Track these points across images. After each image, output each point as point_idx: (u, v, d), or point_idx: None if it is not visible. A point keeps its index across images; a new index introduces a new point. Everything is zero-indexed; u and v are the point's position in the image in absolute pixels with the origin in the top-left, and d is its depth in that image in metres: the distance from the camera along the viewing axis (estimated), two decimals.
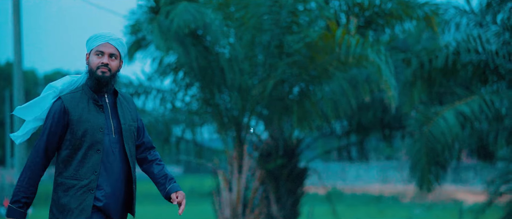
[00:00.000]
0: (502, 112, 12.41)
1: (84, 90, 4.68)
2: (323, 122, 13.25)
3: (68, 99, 4.63)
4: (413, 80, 12.66)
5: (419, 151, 11.86)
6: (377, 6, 12.13)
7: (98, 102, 4.66)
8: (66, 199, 4.60)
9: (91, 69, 4.66)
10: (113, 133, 4.68)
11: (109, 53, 4.66)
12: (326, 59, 11.12)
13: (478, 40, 12.34)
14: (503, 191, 17.67)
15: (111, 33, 4.73)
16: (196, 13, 10.84)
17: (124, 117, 4.74)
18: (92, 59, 4.66)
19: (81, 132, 4.59)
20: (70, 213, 4.59)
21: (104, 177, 4.63)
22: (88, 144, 4.58)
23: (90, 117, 4.62)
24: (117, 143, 4.69)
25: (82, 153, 4.59)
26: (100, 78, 4.63)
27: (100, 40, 4.67)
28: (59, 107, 4.62)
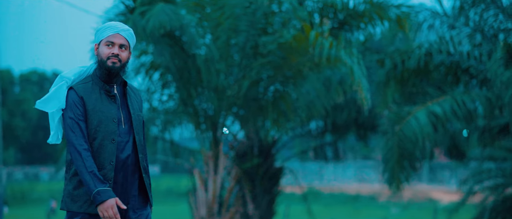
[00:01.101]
0: (473, 112, 12.62)
1: (94, 81, 4.70)
2: (298, 122, 13.39)
3: (81, 89, 4.66)
4: (386, 80, 12.82)
5: (390, 150, 12.01)
6: (351, 8, 12.29)
7: (110, 93, 4.69)
8: (83, 189, 4.58)
9: (101, 60, 4.68)
10: (123, 123, 4.70)
11: (120, 44, 4.68)
12: (300, 61, 11.26)
13: (450, 42, 12.54)
14: (476, 190, 17.92)
15: (121, 24, 4.76)
16: (172, 14, 10.91)
17: (133, 107, 4.76)
18: (102, 49, 4.69)
19: (96, 122, 4.60)
20: (87, 204, 4.58)
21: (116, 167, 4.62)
22: (103, 134, 4.59)
23: (103, 107, 4.64)
24: (127, 133, 4.70)
25: (97, 143, 4.59)
26: (110, 69, 4.65)
27: (110, 31, 4.69)
28: (74, 96, 4.63)
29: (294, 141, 21.51)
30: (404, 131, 11.86)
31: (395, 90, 12.92)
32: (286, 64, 11.46)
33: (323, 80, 12.47)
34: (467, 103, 12.13)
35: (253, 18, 11.19)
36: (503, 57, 10.60)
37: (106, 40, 4.68)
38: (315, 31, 10.68)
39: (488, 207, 16.84)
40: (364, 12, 12.20)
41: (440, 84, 13.04)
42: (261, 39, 11.40)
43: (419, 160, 13.37)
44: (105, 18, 13.12)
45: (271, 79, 12.10)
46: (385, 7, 12.03)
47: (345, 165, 54.31)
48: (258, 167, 15.47)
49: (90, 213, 4.59)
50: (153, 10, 10.93)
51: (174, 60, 11.81)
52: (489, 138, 13.72)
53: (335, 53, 10.43)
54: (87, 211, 4.58)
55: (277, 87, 12.37)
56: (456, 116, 12.01)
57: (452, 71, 12.81)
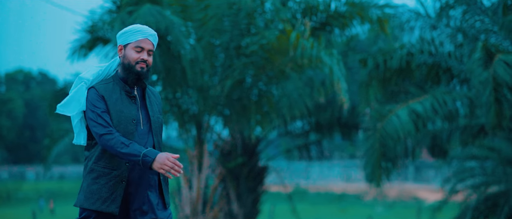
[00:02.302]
0: (454, 112, 12.77)
1: (115, 81, 4.71)
2: (281, 122, 13.50)
3: (102, 89, 4.66)
4: (368, 80, 12.95)
5: (371, 147, 12.13)
6: (332, 9, 12.41)
7: (131, 94, 4.70)
8: (96, 187, 4.61)
9: (129, 64, 4.66)
10: (142, 125, 4.70)
11: (148, 50, 4.70)
12: (282, 61, 11.37)
13: (431, 43, 12.69)
14: (458, 189, 18.07)
15: (149, 29, 4.75)
16: (158, 16, 10.99)
17: (152, 109, 4.77)
18: (130, 53, 4.67)
19: (116, 121, 4.59)
20: (101, 202, 4.60)
21: (133, 168, 4.63)
22: (121, 134, 4.58)
23: (123, 108, 4.64)
24: (145, 135, 4.70)
25: None
26: (140, 74, 4.65)
27: (139, 36, 4.68)
28: (95, 94, 4.64)
29: (280, 140, 21.62)
30: (386, 129, 11.98)
31: (377, 89, 13.06)
32: (269, 65, 11.57)
33: (306, 80, 12.59)
34: (448, 102, 12.27)
35: (236, 18, 11.29)
36: (482, 58, 10.75)
37: (136, 45, 4.67)
38: (296, 32, 10.78)
39: (471, 205, 16.99)
40: (345, 13, 12.32)
41: (421, 83, 13.18)
42: (244, 39, 11.50)
43: (400, 158, 13.50)
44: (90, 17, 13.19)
45: (254, 79, 12.20)
46: (366, 9, 12.16)
47: (331, 164, 54.49)
48: (242, 166, 15.57)
49: (102, 212, 4.62)
50: (140, 11, 11.01)
51: (160, 60, 11.89)
52: (469, 137, 13.88)
53: (315, 54, 10.53)
54: (100, 209, 4.60)
55: (260, 87, 12.48)
56: (437, 114, 12.15)
57: (434, 71, 12.95)
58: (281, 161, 37.63)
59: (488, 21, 12.70)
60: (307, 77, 12.55)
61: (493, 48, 10.94)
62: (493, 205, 16.72)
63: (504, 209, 15.91)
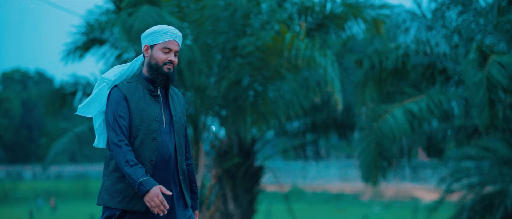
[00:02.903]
0: (449, 112, 12.83)
1: (139, 81, 4.74)
2: (276, 122, 13.56)
3: (125, 88, 4.67)
4: (364, 80, 13.00)
5: (367, 146, 12.18)
6: (328, 10, 12.47)
7: (154, 93, 4.73)
8: (121, 185, 4.62)
9: (156, 64, 4.68)
10: (165, 124, 4.72)
11: (175, 51, 4.73)
12: (278, 62, 11.43)
13: (427, 43, 12.74)
14: (454, 189, 18.12)
15: (176, 30, 4.77)
16: (157, 17, 11.06)
17: (175, 109, 4.80)
18: (157, 54, 4.68)
19: (138, 120, 4.62)
20: (127, 200, 4.60)
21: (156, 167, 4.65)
22: (144, 133, 4.61)
23: (146, 107, 4.66)
24: (168, 134, 4.72)
25: (139, 141, 4.60)
26: (168, 75, 4.68)
27: (167, 37, 4.70)
28: (118, 94, 4.65)
29: (277, 140, 21.67)
30: (382, 128, 12.04)
31: (373, 90, 13.12)
32: (265, 65, 11.62)
33: (301, 81, 12.64)
34: (443, 102, 12.33)
35: (232, 19, 11.34)
36: (476, 59, 10.80)
37: (164, 46, 4.69)
38: (291, 33, 10.84)
39: (467, 205, 17.05)
40: (341, 14, 12.37)
41: (417, 84, 13.23)
42: (240, 40, 11.55)
43: (396, 157, 13.56)
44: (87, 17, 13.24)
45: (250, 80, 12.25)
46: (361, 10, 12.22)
47: (328, 163, 54.53)
48: (239, 166, 15.61)
49: (128, 210, 4.63)
50: (139, 12, 11.07)
51: None
52: (464, 137, 13.94)
53: (309, 55, 10.59)
54: (126, 208, 4.61)
55: (256, 88, 12.53)
56: (433, 114, 12.21)
57: (429, 72, 13.01)
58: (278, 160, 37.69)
59: (483, 22, 12.76)
60: (303, 78, 12.60)
61: (487, 49, 11.00)
62: (489, 205, 16.77)
63: (500, 209, 15.97)
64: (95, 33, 12.93)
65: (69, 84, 14.04)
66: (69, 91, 14.01)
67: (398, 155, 13.65)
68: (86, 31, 12.94)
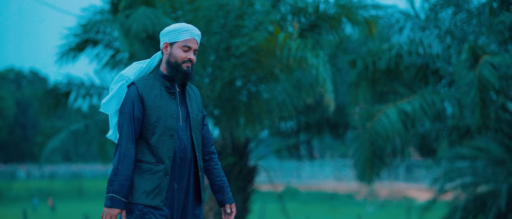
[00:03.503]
0: (442, 112, 12.90)
1: (156, 78, 4.78)
2: (270, 122, 13.61)
3: (142, 86, 4.72)
4: (357, 81, 13.06)
5: (361, 146, 12.25)
6: (321, 11, 12.52)
7: (170, 90, 4.76)
8: (140, 181, 4.66)
9: (176, 62, 4.72)
10: (181, 121, 4.76)
11: (194, 49, 4.77)
12: (271, 62, 11.48)
13: (420, 44, 12.80)
14: (447, 189, 18.20)
15: (195, 28, 4.80)
16: (154, 18, 11.09)
17: (192, 106, 4.83)
18: (177, 52, 4.72)
19: (155, 117, 4.67)
20: (145, 195, 4.65)
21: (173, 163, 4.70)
22: (161, 130, 4.66)
23: (162, 103, 4.71)
24: (184, 131, 4.76)
25: (156, 138, 4.66)
26: (187, 73, 4.72)
27: (187, 35, 4.73)
28: (134, 93, 4.70)
29: (271, 139, 21.73)
30: (375, 128, 12.10)
31: (366, 90, 13.18)
32: (258, 66, 11.67)
33: (294, 81, 12.70)
34: (436, 103, 12.39)
35: (226, 20, 11.39)
36: (468, 59, 10.86)
37: (184, 44, 4.73)
38: (284, 33, 10.90)
39: (460, 205, 17.12)
40: (334, 15, 12.42)
41: (410, 84, 13.30)
42: (234, 41, 11.60)
43: (390, 157, 13.63)
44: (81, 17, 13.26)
45: (244, 80, 12.30)
46: (354, 10, 12.27)
47: (322, 163, 54.62)
48: (233, 166, 15.64)
49: (147, 204, 4.66)
50: (136, 14, 11.11)
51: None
52: (457, 137, 14.01)
53: (301, 55, 10.65)
54: (144, 202, 4.65)
55: (250, 88, 12.58)
56: (426, 114, 12.27)
57: (422, 72, 13.07)
58: (272, 160, 37.75)
59: (476, 23, 12.82)
60: (296, 78, 12.66)
61: (479, 50, 11.06)
62: (481, 204, 16.85)
63: (493, 209, 16.04)
64: (89, 34, 12.96)
65: (62, 85, 14.07)
66: (63, 91, 14.03)
67: (391, 154, 13.73)
68: (79, 32, 12.97)
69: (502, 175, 16.35)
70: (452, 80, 12.67)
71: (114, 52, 13.26)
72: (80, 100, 14.02)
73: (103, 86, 14.06)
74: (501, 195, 15.48)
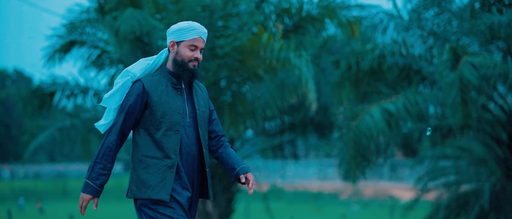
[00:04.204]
0: (425, 112, 13.02)
1: (162, 74, 4.83)
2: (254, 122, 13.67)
3: (148, 82, 4.76)
4: (341, 81, 13.16)
5: (346, 145, 12.34)
6: (305, 12, 12.60)
7: (177, 86, 4.81)
8: (146, 176, 4.71)
9: (182, 61, 4.77)
10: (188, 117, 4.81)
11: (201, 48, 4.82)
12: (255, 63, 11.56)
13: (403, 45, 12.91)
14: (430, 188, 18.34)
15: (202, 27, 4.84)
16: (141, 19, 11.13)
17: (199, 103, 4.88)
18: (184, 51, 4.76)
19: (161, 113, 4.71)
20: (151, 189, 4.70)
21: (179, 159, 4.75)
22: (167, 125, 4.71)
23: (168, 99, 4.75)
24: (191, 127, 4.81)
25: (161, 133, 4.70)
26: (193, 71, 4.79)
27: (194, 34, 4.77)
28: (140, 88, 4.74)
29: (256, 139, 21.78)
30: (359, 127, 12.20)
31: (349, 90, 13.28)
32: (242, 66, 11.74)
33: (278, 82, 12.78)
34: (419, 103, 12.51)
35: (210, 20, 11.45)
36: (449, 59, 10.98)
37: (190, 44, 4.77)
38: (267, 34, 10.97)
39: (443, 204, 17.26)
40: (317, 16, 12.50)
41: (393, 84, 13.40)
42: (218, 41, 11.66)
43: (374, 156, 13.75)
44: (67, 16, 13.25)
45: (228, 80, 12.37)
46: (337, 11, 12.36)
47: (307, 162, 54.70)
48: (217, 165, 15.69)
49: (155, 199, 4.71)
50: (124, 16, 11.14)
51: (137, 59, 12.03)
52: (439, 137, 14.13)
53: (285, 56, 10.73)
54: (150, 196, 4.70)
55: (234, 89, 12.64)
56: (409, 114, 12.38)
57: (405, 72, 13.18)
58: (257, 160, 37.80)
59: (458, 23, 12.94)
60: (279, 79, 12.75)
61: (460, 50, 11.17)
62: (464, 203, 16.99)
63: (475, 208, 16.18)
64: (74, 35, 12.96)
65: (47, 85, 14.06)
66: (47, 91, 14.02)
67: (376, 153, 13.84)
68: (64, 34, 12.97)
69: (484, 174, 16.50)
70: (434, 80, 12.79)
71: (100, 52, 13.27)
72: (65, 100, 14.01)
73: (88, 86, 14.06)
74: (483, 194, 15.62)
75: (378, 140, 13.18)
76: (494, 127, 12.99)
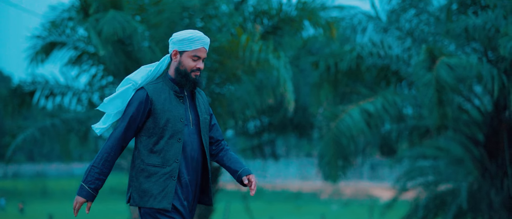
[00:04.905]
0: (403, 112, 13.15)
1: (165, 82, 4.85)
2: (233, 123, 13.75)
3: (152, 90, 4.78)
4: (320, 82, 13.24)
5: (326, 145, 12.44)
6: (283, 14, 12.68)
7: (179, 94, 4.83)
8: (148, 185, 4.73)
9: (185, 71, 4.79)
10: (191, 124, 4.84)
11: (203, 58, 4.86)
12: (234, 64, 11.62)
13: (380, 46, 13.02)
14: (408, 188, 18.51)
15: (205, 37, 4.87)
16: (123, 21, 11.16)
17: (201, 110, 4.92)
18: (187, 61, 4.78)
19: (164, 121, 4.73)
20: (153, 198, 4.72)
21: (183, 166, 4.77)
22: (170, 133, 4.73)
23: (171, 107, 4.78)
24: (194, 134, 4.84)
25: (164, 141, 4.73)
26: (196, 81, 4.81)
27: (198, 45, 4.80)
28: (143, 96, 4.76)
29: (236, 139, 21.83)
30: (339, 127, 12.30)
31: (328, 90, 13.36)
32: (221, 67, 11.81)
33: (257, 83, 12.85)
34: (398, 103, 12.63)
35: (190, 22, 11.50)
36: (426, 60, 11.10)
37: (194, 54, 4.79)
38: (246, 35, 11.05)
39: (421, 203, 17.42)
40: (296, 17, 12.59)
41: (372, 85, 13.52)
42: None
43: (354, 155, 13.86)
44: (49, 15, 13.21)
45: (207, 81, 12.43)
46: (315, 13, 12.45)
47: (287, 162, 54.79)
48: None
49: (157, 208, 4.74)
50: (106, 18, 11.16)
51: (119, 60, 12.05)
52: (417, 137, 14.27)
53: (264, 57, 10.82)
54: (153, 205, 4.73)
55: (213, 89, 12.70)
56: (388, 114, 12.50)
57: (383, 73, 13.30)
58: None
59: (434, 25, 13.08)
60: (258, 80, 12.84)
61: (436, 51, 11.30)
62: (442, 203, 17.17)
63: (452, 207, 16.36)
64: (53, 36, 12.95)
65: (27, 84, 14.02)
66: (27, 90, 13.99)
67: (355, 153, 13.96)
68: (45, 35, 12.95)
69: (461, 174, 16.67)
70: (412, 81, 12.92)
71: (81, 53, 13.27)
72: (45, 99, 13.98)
73: (68, 85, 14.04)
74: (460, 194, 15.79)
75: (357, 140, 13.29)
76: (470, 128, 13.14)
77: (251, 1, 12.94)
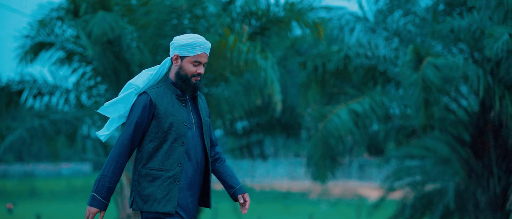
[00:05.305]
0: (391, 112, 13.23)
1: (166, 85, 4.89)
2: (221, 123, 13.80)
3: (154, 94, 4.81)
4: (307, 82, 13.30)
5: (314, 145, 12.50)
6: (271, 15, 12.73)
7: (181, 97, 4.88)
8: (151, 189, 4.76)
9: (186, 76, 4.82)
10: (194, 127, 4.88)
11: (204, 63, 4.89)
12: (222, 64, 11.67)
13: (368, 46, 13.10)
14: (396, 187, 18.59)
15: (206, 42, 4.91)
16: (112, 22, 11.19)
17: (202, 112, 4.98)
18: (188, 66, 4.82)
19: (167, 125, 4.76)
20: (157, 202, 4.74)
21: (186, 169, 4.81)
22: (174, 137, 4.77)
23: (174, 111, 4.81)
24: (197, 137, 4.89)
25: (167, 145, 4.76)
26: (196, 86, 4.85)
27: (199, 50, 4.83)
28: (146, 100, 4.79)
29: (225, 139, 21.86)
30: (327, 128, 12.36)
31: (316, 91, 13.43)
32: (209, 68, 11.84)
33: (244, 83, 12.90)
34: (385, 103, 12.70)
35: (178, 22, 11.54)
36: (412, 60, 11.18)
37: (195, 60, 4.84)
38: (234, 36, 11.10)
39: (409, 203, 17.50)
40: (284, 18, 12.64)
41: (359, 85, 13.59)
42: None
43: (342, 155, 13.93)
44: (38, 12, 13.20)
45: None
46: (303, 14, 12.51)
47: (276, 162, 54.85)
48: None
49: (160, 212, 4.78)
50: (95, 19, 11.18)
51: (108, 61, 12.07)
52: (403, 137, 14.35)
53: (251, 57, 10.87)
54: (156, 210, 4.76)
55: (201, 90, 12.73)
56: (376, 114, 12.57)
57: (370, 74, 13.37)
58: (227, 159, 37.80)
59: (421, 26, 13.16)
60: (246, 80, 12.89)
61: (423, 52, 11.38)
62: (428, 202, 17.25)
63: (439, 207, 16.44)
64: (41, 36, 12.94)
65: (15, 83, 14.00)
66: (15, 90, 13.97)
67: (344, 153, 14.03)
68: (33, 35, 12.95)
69: (448, 174, 16.76)
70: (399, 81, 12.99)
71: (69, 53, 13.27)
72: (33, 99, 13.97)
73: (56, 85, 14.03)
74: (447, 193, 15.88)
75: (345, 140, 13.36)
76: (457, 128, 13.23)
77: (239, 2, 12.99)
